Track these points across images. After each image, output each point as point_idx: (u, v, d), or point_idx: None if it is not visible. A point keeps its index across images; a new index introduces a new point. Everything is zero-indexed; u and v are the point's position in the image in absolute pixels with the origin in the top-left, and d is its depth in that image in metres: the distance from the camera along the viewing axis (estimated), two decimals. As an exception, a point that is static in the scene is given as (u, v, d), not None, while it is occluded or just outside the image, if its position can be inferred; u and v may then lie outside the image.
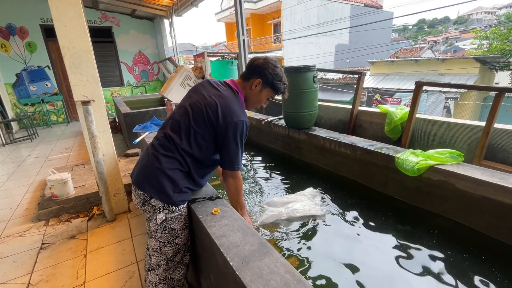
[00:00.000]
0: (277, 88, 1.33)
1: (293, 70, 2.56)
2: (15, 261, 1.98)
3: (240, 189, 1.35)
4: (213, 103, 1.19)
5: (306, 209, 1.79)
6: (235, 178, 1.32)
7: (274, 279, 0.79)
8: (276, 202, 1.90)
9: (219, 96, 1.22)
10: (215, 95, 1.22)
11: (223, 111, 1.17)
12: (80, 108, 2.16)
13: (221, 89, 1.26)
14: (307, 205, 1.82)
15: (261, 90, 1.32)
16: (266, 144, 3.36)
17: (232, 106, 1.20)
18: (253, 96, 1.34)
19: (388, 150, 1.94)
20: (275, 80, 1.30)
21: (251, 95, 1.33)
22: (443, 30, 56.31)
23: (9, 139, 5.56)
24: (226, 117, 1.17)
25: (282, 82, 1.33)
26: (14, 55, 6.63)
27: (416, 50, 18.17)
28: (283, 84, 1.34)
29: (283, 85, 1.34)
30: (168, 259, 1.26)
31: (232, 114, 1.18)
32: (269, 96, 1.37)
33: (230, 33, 19.81)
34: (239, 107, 1.24)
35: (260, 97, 1.35)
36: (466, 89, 4.40)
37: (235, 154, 1.23)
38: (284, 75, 1.34)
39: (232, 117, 1.17)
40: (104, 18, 7.62)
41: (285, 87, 1.37)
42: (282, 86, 1.34)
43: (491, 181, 1.41)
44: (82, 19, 2.07)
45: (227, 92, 1.25)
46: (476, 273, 1.32)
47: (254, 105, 1.38)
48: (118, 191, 2.51)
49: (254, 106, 1.39)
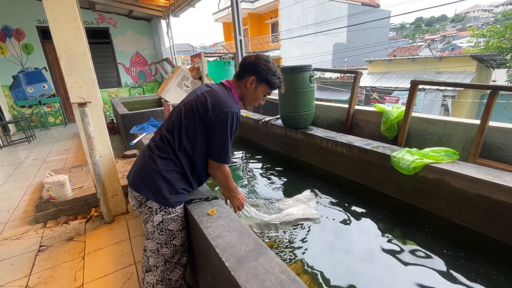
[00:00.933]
0: (272, 83, 1.31)
1: (289, 69, 2.57)
2: (13, 264, 1.98)
3: (229, 177, 1.34)
4: (203, 98, 1.20)
5: (300, 213, 1.79)
6: (223, 171, 1.29)
7: (269, 279, 0.79)
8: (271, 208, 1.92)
9: (209, 91, 1.24)
10: (206, 91, 1.24)
11: (212, 103, 1.18)
12: (77, 110, 2.16)
13: (213, 87, 1.28)
14: (301, 209, 1.82)
15: (257, 87, 1.32)
16: (264, 144, 3.37)
17: (221, 98, 1.21)
18: (249, 94, 1.33)
19: (384, 149, 1.95)
20: (269, 75, 1.29)
21: (247, 93, 1.33)
22: (441, 28, 56.46)
23: (6, 141, 5.55)
24: (215, 108, 1.17)
25: (276, 77, 1.31)
26: (10, 57, 6.60)
27: (414, 48, 18.23)
28: (277, 79, 1.32)
29: (278, 79, 1.33)
30: (166, 260, 1.26)
31: (222, 105, 1.18)
32: (266, 93, 1.36)
33: (228, 33, 19.79)
34: (230, 99, 1.23)
35: (256, 94, 1.34)
36: (461, 87, 4.43)
37: (224, 146, 1.20)
38: (278, 69, 1.33)
39: (222, 108, 1.17)
40: (101, 19, 7.60)
41: (280, 81, 1.36)
42: (277, 81, 1.32)
43: (486, 179, 1.42)
44: (78, 21, 2.07)
45: (218, 88, 1.28)
46: (471, 271, 1.33)
47: (251, 103, 1.38)
48: (116, 193, 2.51)
49: (252, 104, 1.38)
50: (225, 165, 1.29)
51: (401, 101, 10.01)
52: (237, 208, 1.47)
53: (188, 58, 10.20)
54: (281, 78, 1.35)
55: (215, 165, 1.26)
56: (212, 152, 1.23)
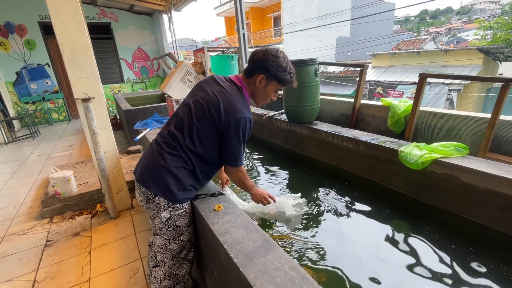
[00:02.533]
0: (283, 80, 1.24)
1: (294, 63, 2.50)
2: (20, 259, 2.00)
3: (245, 178, 1.34)
4: (215, 100, 1.16)
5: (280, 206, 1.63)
6: (238, 172, 1.31)
7: (279, 276, 0.78)
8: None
9: (221, 92, 1.18)
10: (218, 91, 1.18)
11: (225, 108, 1.14)
12: (81, 106, 2.15)
13: (224, 85, 1.22)
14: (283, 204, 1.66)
15: (267, 85, 1.26)
16: (268, 139, 3.34)
17: (234, 102, 1.16)
18: (259, 92, 1.28)
19: (391, 143, 1.92)
20: (279, 72, 1.22)
21: (257, 92, 1.28)
22: (446, 21, 55.46)
23: (11, 138, 5.58)
24: (228, 114, 1.14)
25: (287, 72, 1.24)
26: (13, 53, 6.60)
27: (419, 41, 17.92)
28: (288, 74, 1.24)
29: (289, 75, 1.25)
30: (173, 255, 1.26)
31: (235, 111, 1.14)
32: (277, 89, 1.30)
33: (230, 28, 19.62)
34: (243, 104, 1.19)
35: (267, 92, 1.28)
36: (472, 80, 4.35)
37: (238, 151, 1.21)
38: (288, 63, 1.25)
39: (235, 114, 1.14)
40: (103, 14, 7.54)
41: (292, 77, 1.27)
42: (288, 77, 1.25)
43: (497, 174, 1.39)
44: (80, 15, 2.04)
45: (231, 88, 1.21)
46: (481, 266, 1.31)
47: (262, 101, 1.33)
48: (120, 188, 2.52)
49: (262, 102, 1.34)
50: (239, 167, 1.29)
51: (405, 95, 9.89)
52: (261, 203, 1.47)
53: (191, 53, 10.14)
54: (292, 72, 1.27)
55: (230, 169, 1.29)
56: (226, 157, 1.23)
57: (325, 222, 1.78)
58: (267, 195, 1.47)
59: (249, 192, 1.44)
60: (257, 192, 1.44)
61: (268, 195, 1.48)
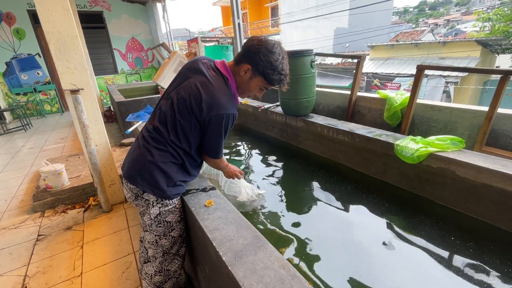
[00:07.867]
0: (270, 79, 1.13)
1: (289, 54, 2.45)
2: (11, 253, 1.97)
3: (219, 163, 1.37)
4: (197, 93, 1.08)
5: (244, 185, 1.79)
6: (214, 161, 1.33)
7: (268, 275, 0.76)
8: None
9: (204, 84, 1.08)
10: (201, 83, 1.09)
11: (207, 102, 1.07)
12: (69, 97, 2.08)
13: (209, 76, 1.12)
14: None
15: (251, 78, 1.15)
16: (263, 132, 3.30)
17: (217, 97, 1.07)
18: (242, 83, 1.17)
19: (387, 137, 1.90)
20: (267, 69, 1.10)
21: (240, 83, 1.17)
22: (445, 12, 54.93)
23: (2, 130, 5.47)
24: (211, 110, 1.07)
25: (277, 72, 1.11)
26: (2, 42, 6.39)
27: (417, 33, 17.74)
28: (278, 75, 1.12)
29: (278, 76, 1.12)
30: (164, 251, 1.24)
31: (218, 106, 1.07)
32: (262, 87, 1.19)
33: (226, 18, 19.24)
34: (227, 98, 1.10)
35: (249, 85, 1.17)
36: (470, 72, 4.31)
37: (218, 143, 1.20)
38: (282, 64, 1.12)
39: (218, 110, 1.07)
40: (94, 2, 7.31)
41: (282, 79, 1.15)
42: (276, 77, 1.13)
43: (493, 168, 1.37)
44: (66, 2, 1.95)
45: (215, 80, 1.11)
46: (476, 260, 1.31)
47: (244, 94, 1.22)
48: (113, 182, 2.48)
49: (245, 95, 1.24)
50: (220, 159, 1.32)
51: (403, 87, 9.85)
52: (231, 177, 1.55)
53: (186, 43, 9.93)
54: (284, 74, 1.15)
55: (207, 158, 1.30)
56: (205, 149, 1.22)
57: (318, 216, 1.77)
58: (238, 172, 1.55)
59: (222, 171, 1.52)
60: (229, 170, 1.50)
61: (239, 171, 1.56)
